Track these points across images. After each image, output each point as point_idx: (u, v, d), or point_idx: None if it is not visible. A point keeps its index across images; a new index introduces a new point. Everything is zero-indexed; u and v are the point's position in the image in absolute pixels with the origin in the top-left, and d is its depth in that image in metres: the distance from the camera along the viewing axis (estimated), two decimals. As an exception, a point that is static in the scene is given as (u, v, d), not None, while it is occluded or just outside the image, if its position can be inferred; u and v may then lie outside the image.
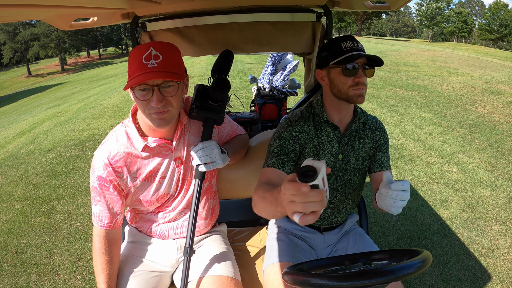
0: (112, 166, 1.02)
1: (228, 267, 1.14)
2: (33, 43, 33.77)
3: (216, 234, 1.31)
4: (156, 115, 0.95)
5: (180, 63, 0.98)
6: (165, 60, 0.91)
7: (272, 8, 1.49)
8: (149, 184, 1.09)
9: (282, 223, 1.33)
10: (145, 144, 1.03)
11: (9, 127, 7.35)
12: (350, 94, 1.04)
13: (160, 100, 0.92)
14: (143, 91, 0.92)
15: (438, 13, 47.77)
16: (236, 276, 1.14)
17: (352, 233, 1.30)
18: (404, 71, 9.26)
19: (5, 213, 3.02)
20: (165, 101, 0.94)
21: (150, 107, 0.93)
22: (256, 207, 0.92)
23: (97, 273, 1.04)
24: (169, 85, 0.93)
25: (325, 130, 1.14)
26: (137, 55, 0.91)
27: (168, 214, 1.18)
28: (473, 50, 22.14)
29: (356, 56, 1.01)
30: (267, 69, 3.71)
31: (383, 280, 0.68)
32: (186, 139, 1.13)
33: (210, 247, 1.22)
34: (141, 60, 0.90)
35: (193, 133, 1.15)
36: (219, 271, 1.11)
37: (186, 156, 1.13)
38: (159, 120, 0.96)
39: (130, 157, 1.04)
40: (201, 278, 1.09)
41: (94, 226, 1.06)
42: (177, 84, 0.96)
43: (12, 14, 0.90)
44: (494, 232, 2.55)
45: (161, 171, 1.09)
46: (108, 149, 1.03)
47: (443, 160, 3.81)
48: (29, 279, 2.17)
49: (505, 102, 6.01)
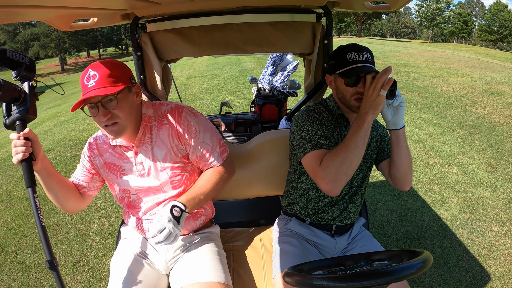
0: (90, 146, 1.20)
1: (218, 272, 1.11)
2: (33, 43, 33.83)
3: (206, 236, 1.27)
4: (106, 128, 1.02)
5: (117, 75, 1.00)
6: (101, 77, 0.97)
7: (272, 8, 1.49)
8: (112, 175, 1.18)
9: (294, 226, 1.31)
10: (109, 140, 1.16)
11: (9, 127, 7.34)
12: (351, 103, 1.12)
13: (105, 114, 0.99)
14: (92, 108, 1.00)
15: (438, 14, 47.81)
16: (227, 281, 1.11)
17: (359, 236, 1.31)
18: (404, 72, 9.26)
19: (4, 213, 3.02)
20: (110, 114, 1.00)
21: (100, 122, 1.01)
22: (334, 165, 0.99)
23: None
24: (109, 99, 0.99)
25: (341, 122, 1.21)
26: (81, 79, 1.00)
27: (141, 213, 1.19)
28: (473, 51, 22.16)
29: (359, 69, 1.06)
30: (267, 69, 3.71)
31: (383, 281, 0.67)
32: (149, 150, 1.13)
33: (199, 251, 1.19)
34: (83, 82, 0.98)
35: (159, 145, 1.13)
36: (209, 277, 1.08)
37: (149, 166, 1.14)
38: (109, 132, 1.03)
39: (103, 146, 1.19)
40: (190, 284, 1.07)
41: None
42: (116, 97, 1.00)
43: (13, 15, 0.90)
44: (494, 233, 2.55)
45: (123, 170, 1.16)
46: (95, 135, 1.23)
47: (443, 161, 3.81)
48: (29, 279, 2.17)
49: (505, 103, 6.02)
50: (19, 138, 0.95)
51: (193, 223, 1.25)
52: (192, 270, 1.12)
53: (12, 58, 0.96)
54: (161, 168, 1.13)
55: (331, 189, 0.99)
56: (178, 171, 1.15)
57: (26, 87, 0.99)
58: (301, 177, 1.27)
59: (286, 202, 1.37)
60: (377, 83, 0.98)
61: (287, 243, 1.24)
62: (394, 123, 1.09)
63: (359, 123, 1.00)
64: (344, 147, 0.99)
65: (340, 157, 0.98)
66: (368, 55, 1.09)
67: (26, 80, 1.00)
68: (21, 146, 0.95)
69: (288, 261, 1.15)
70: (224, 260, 1.21)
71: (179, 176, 1.16)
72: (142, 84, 1.56)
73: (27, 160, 0.96)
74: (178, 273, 1.16)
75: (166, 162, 1.13)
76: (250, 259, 1.35)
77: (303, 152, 1.10)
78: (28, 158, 0.96)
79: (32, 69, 1.01)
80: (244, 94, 6.92)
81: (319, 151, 1.07)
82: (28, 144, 0.96)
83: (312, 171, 1.06)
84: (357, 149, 0.98)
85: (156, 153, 1.13)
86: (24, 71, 0.98)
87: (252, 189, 1.44)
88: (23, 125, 0.98)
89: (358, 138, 0.99)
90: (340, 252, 1.29)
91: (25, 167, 0.96)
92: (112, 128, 1.02)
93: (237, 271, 1.29)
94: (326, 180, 0.99)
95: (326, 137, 1.11)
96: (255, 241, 1.45)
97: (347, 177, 1.00)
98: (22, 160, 0.95)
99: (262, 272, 1.28)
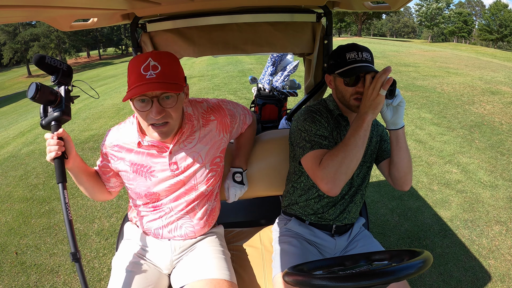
0: (109, 146, 1.12)
1: (223, 269, 1.12)
2: (33, 43, 33.81)
3: (212, 236, 1.29)
4: (155, 127, 0.96)
5: (179, 72, 0.98)
6: (164, 71, 0.91)
7: (272, 8, 1.49)
8: (139, 177, 1.11)
9: (293, 226, 1.30)
10: (139, 141, 1.08)
11: (9, 127, 7.36)
12: (351, 103, 1.12)
13: (159, 111, 0.93)
14: (142, 102, 0.93)
15: (438, 13, 47.78)
16: (232, 279, 1.12)
17: (360, 236, 1.31)
18: (404, 72, 9.26)
19: (5, 213, 3.02)
20: (164, 112, 0.94)
21: (150, 118, 0.95)
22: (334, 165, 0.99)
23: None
24: (168, 96, 0.93)
25: (340, 122, 1.21)
26: (135, 65, 0.91)
27: (163, 212, 1.17)
28: (473, 51, 22.15)
29: (358, 69, 1.06)
30: (267, 69, 3.70)
31: (383, 281, 0.67)
32: (190, 148, 1.11)
33: (204, 250, 1.20)
34: (139, 71, 0.90)
35: (203, 141, 1.13)
36: (214, 274, 1.09)
37: (186, 165, 1.11)
38: (158, 132, 0.97)
39: (129, 145, 1.10)
40: (195, 281, 1.08)
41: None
42: (176, 96, 0.95)
43: (13, 15, 0.90)
44: (494, 232, 2.55)
45: (152, 170, 1.10)
46: (114, 131, 1.13)
47: (444, 160, 3.81)
48: (29, 280, 2.17)
49: (505, 103, 6.01)
50: (53, 138, 1.01)
51: (207, 226, 1.25)
52: (196, 267, 1.13)
53: (51, 64, 1.03)
54: (200, 165, 1.12)
55: (331, 189, 0.99)
56: (215, 166, 1.19)
57: (62, 91, 1.06)
58: (301, 177, 1.27)
59: (285, 202, 1.37)
60: (377, 82, 0.98)
61: (287, 243, 1.24)
62: (394, 123, 1.10)
63: (358, 123, 1.00)
64: (343, 146, 0.99)
65: (340, 157, 0.99)
66: (368, 55, 1.09)
67: (63, 84, 1.07)
68: (55, 145, 1.00)
69: (288, 261, 1.15)
70: (228, 259, 1.22)
71: (214, 172, 1.19)
72: None
73: (60, 158, 1.02)
74: (182, 271, 1.16)
75: (208, 156, 1.14)
76: (250, 259, 1.35)
77: (303, 152, 1.10)
78: (61, 156, 1.02)
79: (69, 74, 1.08)
80: (244, 94, 6.92)
81: (319, 151, 1.07)
82: (61, 144, 1.01)
83: (312, 171, 1.06)
84: (357, 148, 0.98)
85: (198, 149, 1.12)
86: (61, 77, 1.06)
87: (252, 189, 1.44)
88: (58, 125, 1.04)
89: (358, 138, 0.99)
90: (340, 252, 1.29)
91: (57, 164, 1.02)
92: (161, 129, 0.97)
93: (237, 271, 1.29)
94: (326, 180, 0.99)
95: (325, 137, 1.11)
96: (255, 241, 1.45)
97: (347, 177, 1.00)
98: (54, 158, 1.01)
99: (262, 272, 1.28)
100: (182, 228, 1.19)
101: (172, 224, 1.18)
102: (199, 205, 1.19)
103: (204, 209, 1.21)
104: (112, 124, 5.50)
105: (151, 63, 0.90)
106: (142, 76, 0.89)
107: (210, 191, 1.22)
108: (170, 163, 1.09)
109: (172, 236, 1.20)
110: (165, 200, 1.15)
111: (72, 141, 1.05)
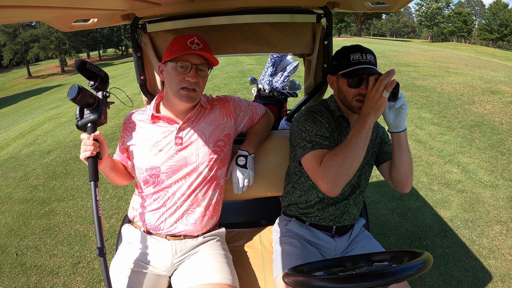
0: (126, 123, 1.26)
1: (226, 274, 1.12)
2: (33, 44, 33.78)
3: (214, 239, 1.28)
4: (185, 91, 1.12)
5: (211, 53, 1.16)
6: (205, 47, 1.14)
7: (272, 9, 1.49)
8: (145, 150, 1.19)
9: (294, 227, 1.30)
10: (152, 113, 1.20)
11: (9, 128, 7.36)
12: (353, 105, 1.12)
13: (195, 77, 1.11)
14: (182, 68, 1.11)
15: (438, 13, 47.78)
16: (234, 283, 1.12)
17: (360, 237, 1.31)
18: (404, 72, 9.26)
19: (5, 215, 3.02)
20: (197, 79, 1.12)
21: (184, 82, 1.11)
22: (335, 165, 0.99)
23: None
24: (203, 69, 1.15)
25: (341, 123, 1.21)
26: (182, 40, 1.12)
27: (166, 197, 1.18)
28: (473, 50, 22.14)
29: (361, 70, 1.06)
30: (267, 70, 3.70)
31: (383, 282, 0.67)
32: (196, 126, 1.22)
33: (207, 253, 1.20)
34: (186, 43, 1.10)
35: (208, 122, 1.24)
36: (216, 278, 1.09)
37: (190, 142, 1.19)
38: (186, 97, 1.12)
39: (142, 119, 1.24)
40: (197, 286, 1.08)
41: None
42: (208, 70, 1.17)
43: (13, 15, 0.90)
44: (495, 232, 2.55)
45: (157, 141, 1.19)
46: (134, 112, 1.28)
47: (444, 160, 3.80)
48: (29, 281, 2.17)
49: (505, 102, 6.01)
50: (89, 139, 1.09)
51: (208, 222, 1.26)
52: (199, 271, 1.13)
53: (90, 69, 1.12)
54: (204, 143, 1.21)
55: (331, 189, 0.99)
56: (218, 149, 1.24)
57: (100, 96, 1.15)
58: (301, 177, 1.27)
59: (285, 202, 1.37)
60: (380, 84, 0.98)
61: (288, 244, 1.23)
62: (396, 126, 1.10)
63: (360, 124, 1.00)
64: (344, 147, 0.99)
65: (341, 157, 0.98)
66: (371, 57, 1.09)
67: (100, 90, 1.16)
68: (90, 145, 1.08)
69: (289, 262, 1.15)
70: (230, 262, 1.22)
71: (217, 154, 1.24)
72: (142, 84, 1.56)
73: (93, 157, 1.09)
74: (183, 274, 1.16)
75: (212, 137, 1.23)
76: (250, 259, 1.35)
77: (303, 152, 1.10)
78: (94, 156, 1.09)
79: (106, 81, 1.17)
80: (244, 95, 6.91)
81: (319, 151, 1.07)
82: (96, 145, 1.10)
83: (312, 171, 1.06)
84: (358, 150, 0.98)
85: (203, 128, 1.22)
86: (99, 82, 1.14)
87: (252, 189, 1.44)
88: (94, 127, 1.12)
89: (359, 139, 0.99)
90: (341, 253, 1.29)
91: (90, 164, 1.08)
92: (190, 93, 1.12)
93: (237, 272, 1.28)
94: (326, 180, 0.99)
95: (326, 137, 1.10)
96: (255, 242, 1.45)
97: (347, 177, 0.99)
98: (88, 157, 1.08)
99: (262, 273, 1.28)
100: (183, 220, 1.19)
101: (174, 214, 1.18)
102: (201, 191, 1.21)
103: (207, 200, 1.22)
104: (111, 124, 5.49)
105: (195, 40, 1.12)
106: (188, 47, 1.10)
107: (212, 177, 1.23)
108: (176, 136, 1.18)
109: (173, 232, 1.19)
110: (168, 182, 1.17)
111: (106, 144, 1.14)
